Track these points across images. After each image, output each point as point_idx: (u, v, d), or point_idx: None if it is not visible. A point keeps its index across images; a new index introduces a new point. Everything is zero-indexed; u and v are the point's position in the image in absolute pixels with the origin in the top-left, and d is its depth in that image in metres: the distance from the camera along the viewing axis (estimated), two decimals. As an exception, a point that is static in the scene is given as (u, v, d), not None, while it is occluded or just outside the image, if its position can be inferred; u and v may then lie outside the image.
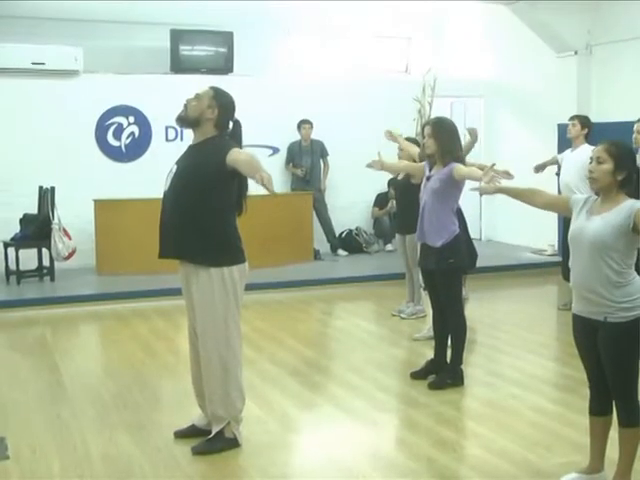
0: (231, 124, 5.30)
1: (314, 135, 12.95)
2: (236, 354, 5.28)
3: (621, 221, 4.31)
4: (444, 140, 6.50)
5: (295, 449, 5.62)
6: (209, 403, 5.30)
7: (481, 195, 5.16)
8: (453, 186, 6.57)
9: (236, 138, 5.26)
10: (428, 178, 6.70)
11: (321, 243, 12.82)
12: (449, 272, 6.58)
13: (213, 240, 5.14)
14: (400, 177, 8.90)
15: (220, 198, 5.12)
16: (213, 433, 5.30)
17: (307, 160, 12.91)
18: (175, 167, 5.26)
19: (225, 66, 12.79)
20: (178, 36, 12.63)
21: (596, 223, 4.38)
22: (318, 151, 12.95)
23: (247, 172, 4.94)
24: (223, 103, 5.24)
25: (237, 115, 5.35)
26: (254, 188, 5.31)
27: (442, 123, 6.73)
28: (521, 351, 7.76)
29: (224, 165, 5.03)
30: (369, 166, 7.32)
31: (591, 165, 4.45)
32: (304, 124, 12.87)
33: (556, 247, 12.14)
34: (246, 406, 5.43)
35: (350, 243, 13.25)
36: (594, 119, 9.50)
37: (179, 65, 12.62)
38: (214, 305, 5.16)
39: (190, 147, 5.32)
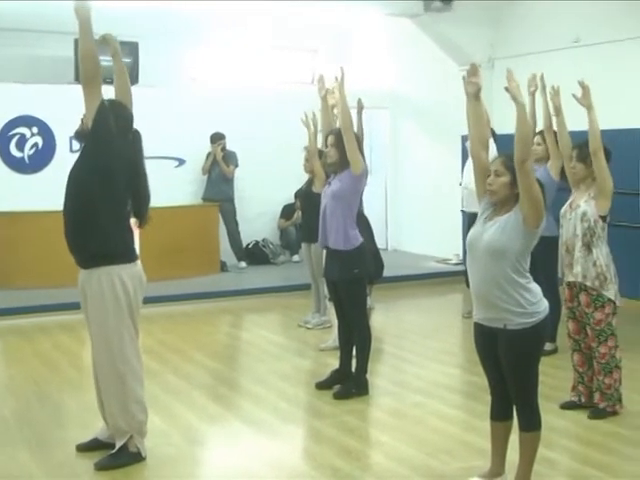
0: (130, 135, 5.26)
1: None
2: (133, 367, 5.22)
3: (513, 220, 4.40)
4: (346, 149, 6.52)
5: (199, 462, 5.58)
6: (109, 416, 5.24)
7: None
8: (353, 189, 6.62)
9: (136, 148, 5.23)
10: (330, 183, 6.75)
11: (228, 255, 12.77)
12: (353, 282, 6.61)
13: (99, 238, 5.07)
14: (304, 186, 8.96)
15: (104, 197, 5.05)
16: (117, 447, 5.23)
17: (216, 169, 12.80)
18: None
19: (130, 77, 12.59)
20: (82, 46, 12.45)
21: (490, 229, 4.47)
22: (233, 161, 12.84)
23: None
24: (120, 115, 5.20)
25: (142, 126, 5.31)
26: (158, 200, 5.30)
27: (345, 133, 6.75)
28: (426, 360, 7.86)
29: (89, 132, 5.03)
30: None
31: (490, 178, 4.52)
32: (217, 139, 12.76)
33: (461, 256, 12.32)
34: (150, 419, 5.39)
35: (257, 254, 13.23)
36: (496, 131, 9.68)
37: (83, 75, 12.44)
38: (107, 317, 5.11)
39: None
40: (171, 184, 12.19)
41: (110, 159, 5.08)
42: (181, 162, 13.03)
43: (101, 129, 5.03)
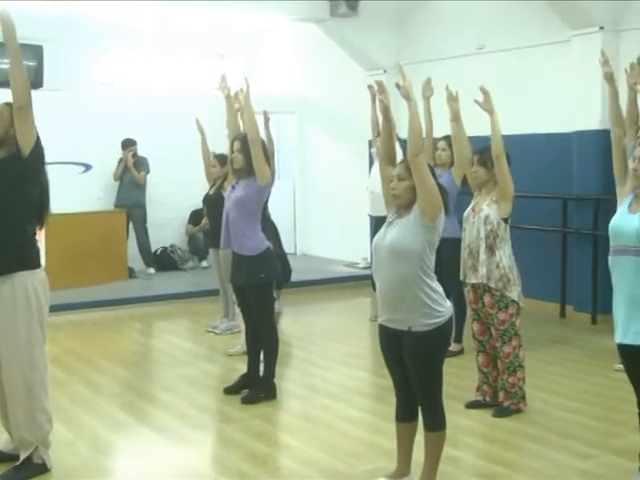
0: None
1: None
2: (41, 376, 5.14)
3: (412, 220, 4.47)
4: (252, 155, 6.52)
5: (106, 471, 5.51)
6: (15, 428, 5.14)
7: None
8: (256, 198, 6.63)
9: (39, 159, 5.16)
10: (233, 187, 6.75)
11: (136, 261, 12.63)
12: (260, 287, 6.61)
13: (11, 247, 4.97)
14: (212, 192, 8.93)
15: (18, 206, 4.98)
16: (21, 459, 5.13)
17: (127, 175, 12.66)
18: None
19: (35, 80, 12.40)
20: (-17, 49, 12.20)
21: (392, 231, 4.54)
22: (145, 168, 12.71)
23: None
24: None
25: (46, 131, 5.23)
26: (64, 206, 5.21)
27: (251, 138, 6.74)
28: (334, 363, 7.90)
29: (24, 157, 4.92)
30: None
31: (392, 183, 4.58)
32: (129, 145, 12.63)
33: (368, 260, 12.39)
34: (55, 429, 5.32)
35: (165, 260, 13.13)
36: (402, 135, 9.78)
37: (-15, 79, 12.19)
38: (17, 325, 5.02)
39: None
40: (78, 190, 11.99)
41: (33, 180, 5.04)
42: (88, 167, 12.83)
43: (36, 159, 5.02)
